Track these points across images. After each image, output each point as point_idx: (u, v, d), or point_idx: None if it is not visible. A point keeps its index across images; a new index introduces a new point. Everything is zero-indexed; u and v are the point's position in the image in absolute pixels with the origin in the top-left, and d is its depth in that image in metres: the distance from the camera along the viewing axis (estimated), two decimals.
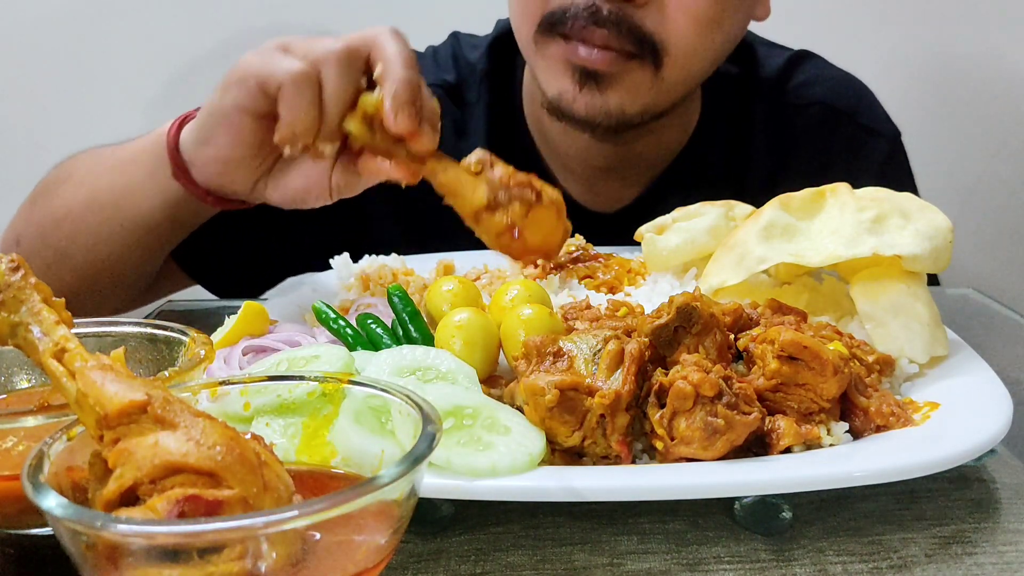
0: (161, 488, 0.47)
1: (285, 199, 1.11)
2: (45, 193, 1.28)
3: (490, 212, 1.00)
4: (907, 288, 0.91)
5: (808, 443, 0.74)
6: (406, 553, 0.69)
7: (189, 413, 0.50)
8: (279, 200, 1.11)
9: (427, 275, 1.20)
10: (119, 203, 1.19)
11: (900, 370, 0.87)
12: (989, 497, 0.76)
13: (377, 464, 0.60)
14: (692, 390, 0.71)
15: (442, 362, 0.78)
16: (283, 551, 0.47)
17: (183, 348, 0.73)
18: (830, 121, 1.49)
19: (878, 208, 0.95)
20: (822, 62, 1.57)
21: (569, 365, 0.75)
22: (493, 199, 1.00)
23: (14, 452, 0.62)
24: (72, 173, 1.27)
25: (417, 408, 0.56)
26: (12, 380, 0.76)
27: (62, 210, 1.23)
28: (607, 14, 1.19)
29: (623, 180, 1.45)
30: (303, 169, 1.08)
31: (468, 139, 1.47)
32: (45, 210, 1.25)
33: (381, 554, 0.52)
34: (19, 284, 0.56)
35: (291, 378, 0.64)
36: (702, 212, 1.11)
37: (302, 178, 1.08)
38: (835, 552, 0.69)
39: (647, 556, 0.69)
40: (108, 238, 1.21)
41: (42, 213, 1.26)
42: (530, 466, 0.69)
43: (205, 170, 1.09)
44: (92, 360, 0.52)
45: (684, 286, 1.08)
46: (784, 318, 0.87)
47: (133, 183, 1.18)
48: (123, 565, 0.45)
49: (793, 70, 1.53)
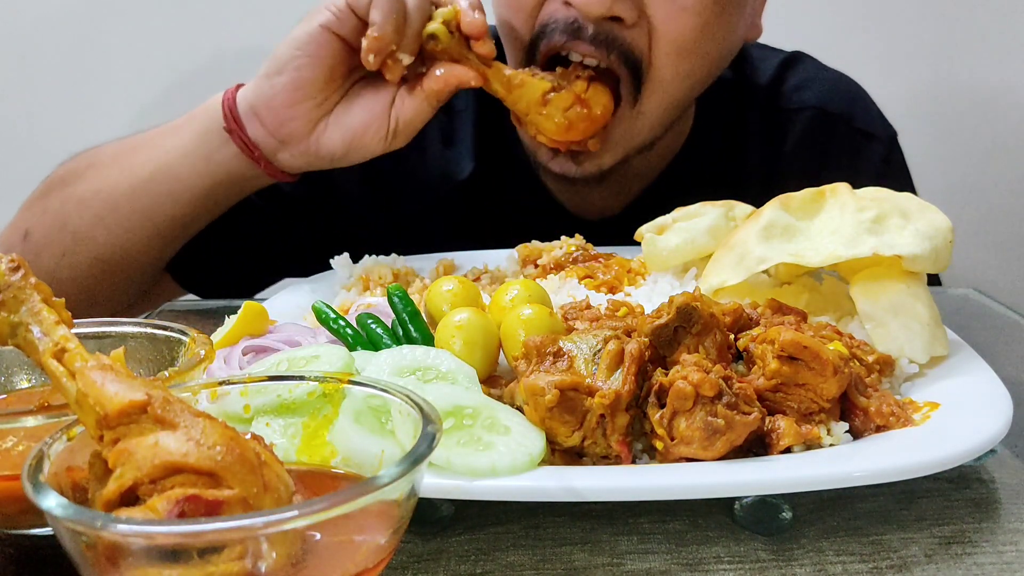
0: (161, 488, 0.47)
1: (344, 139, 1.16)
2: (63, 182, 1.29)
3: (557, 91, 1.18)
4: (907, 288, 0.91)
5: (808, 443, 0.74)
6: (406, 553, 0.69)
7: (189, 413, 0.50)
8: (338, 142, 1.16)
9: (427, 275, 1.20)
10: (157, 172, 1.22)
11: (900, 370, 0.87)
12: (989, 497, 0.76)
13: (377, 464, 0.60)
14: (692, 390, 0.71)
15: (442, 362, 0.78)
16: (283, 551, 0.47)
17: (183, 348, 0.73)
18: (825, 126, 1.48)
19: (878, 208, 0.95)
20: (815, 64, 1.55)
21: (569, 365, 0.75)
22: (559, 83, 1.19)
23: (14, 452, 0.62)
24: (95, 161, 1.28)
25: (417, 408, 0.56)
26: (12, 380, 0.76)
27: (89, 192, 1.25)
28: (592, 32, 1.18)
29: (615, 190, 1.44)
30: (365, 103, 1.16)
31: (456, 147, 1.47)
32: (67, 195, 1.27)
33: (381, 554, 0.52)
34: (19, 284, 0.56)
35: (291, 378, 0.64)
36: (702, 212, 1.11)
37: (364, 112, 1.16)
38: (835, 552, 0.69)
39: (647, 556, 0.69)
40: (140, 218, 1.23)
41: (62, 199, 1.27)
42: (530, 466, 0.69)
43: (271, 103, 1.14)
44: (92, 360, 0.53)
45: (684, 286, 1.08)
46: (784, 318, 0.87)
47: (175, 150, 1.21)
48: (123, 565, 0.45)
49: (786, 73, 1.52)
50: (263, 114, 1.16)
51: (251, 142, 1.17)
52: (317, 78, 1.13)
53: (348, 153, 1.18)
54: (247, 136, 1.17)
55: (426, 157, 1.44)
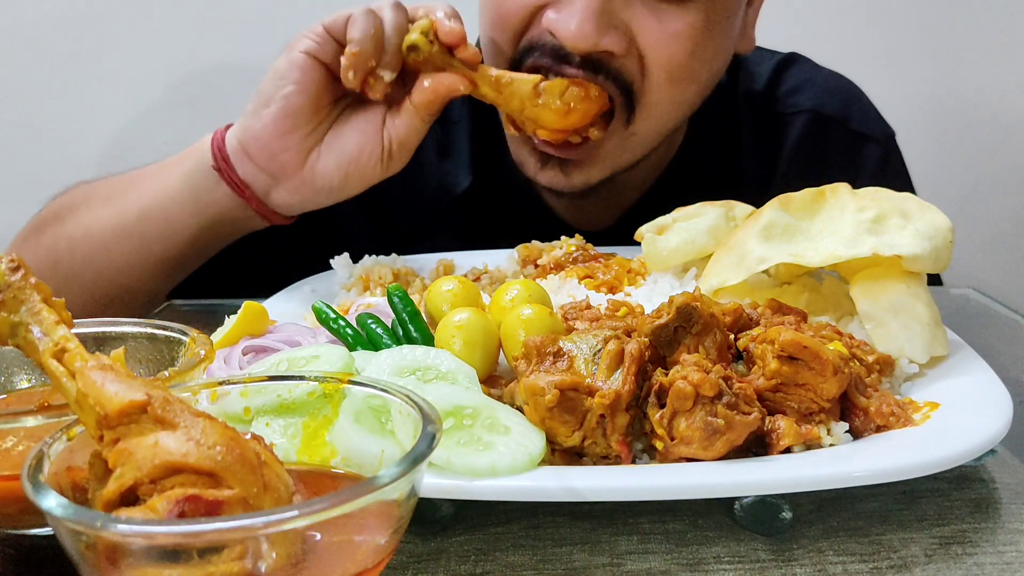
0: (161, 488, 0.47)
1: (340, 166, 1.15)
2: (55, 218, 1.27)
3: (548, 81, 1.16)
4: (907, 288, 0.91)
5: (808, 443, 0.74)
6: (406, 553, 0.69)
7: (189, 413, 0.50)
8: (333, 167, 1.15)
9: (427, 275, 1.20)
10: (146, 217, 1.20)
11: (900, 370, 0.87)
12: (989, 497, 0.76)
13: (377, 464, 0.60)
14: (692, 390, 0.71)
15: (442, 362, 0.78)
16: (283, 551, 0.47)
17: (183, 348, 0.73)
18: (821, 129, 1.47)
19: (878, 208, 0.95)
20: (810, 65, 1.54)
21: (569, 365, 0.75)
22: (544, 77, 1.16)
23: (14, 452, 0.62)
24: (86, 199, 1.27)
25: (417, 408, 0.56)
26: (12, 380, 0.76)
27: (79, 232, 1.23)
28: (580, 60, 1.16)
29: (609, 201, 1.43)
30: (356, 125, 1.15)
31: (452, 159, 1.46)
32: (57, 236, 1.25)
33: (381, 554, 0.52)
34: (19, 284, 0.56)
35: (291, 378, 0.64)
36: (702, 212, 1.11)
37: (356, 135, 1.15)
38: (835, 552, 0.69)
39: (647, 556, 0.69)
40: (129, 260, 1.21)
41: (53, 239, 1.25)
42: (530, 466, 0.69)
43: (261, 138, 1.13)
44: (92, 360, 0.52)
45: (684, 286, 1.08)
46: (784, 318, 0.87)
47: (164, 194, 1.19)
48: (123, 565, 0.45)
49: (781, 76, 1.50)
50: (253, 150, 1.14)
51: (242, 181, 1.16)
52: (305, 105, 1.12)
53: (346, 182, 1.16)
54: (237, 176, 1.16)
55: (423, 170, 1.42)
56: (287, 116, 1.12)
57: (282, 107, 1.12)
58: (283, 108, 1.12)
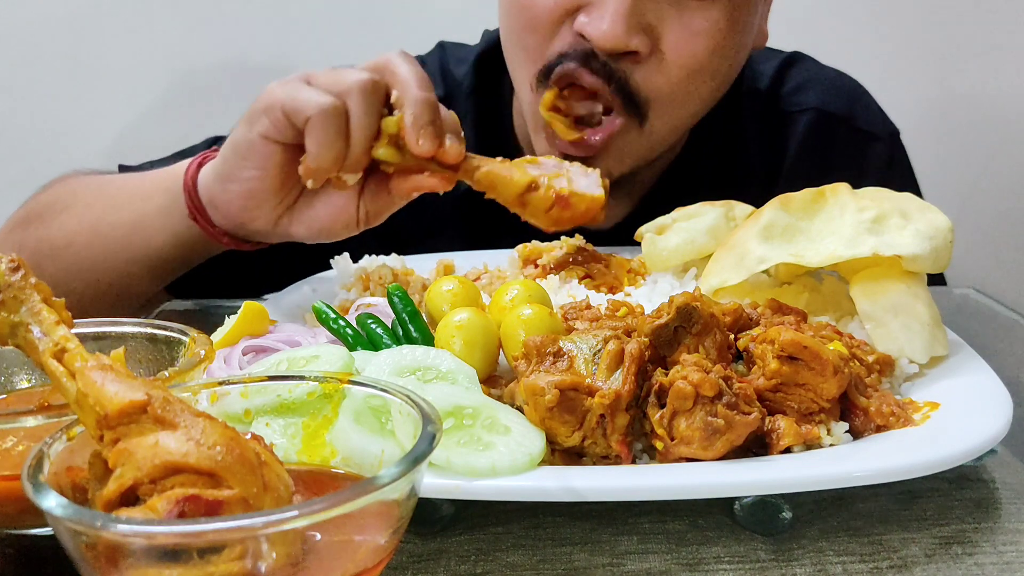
0: (161, 488, 0.47)
1: (311, 232, 1.11)
2: (39, 219, 1.26)
3: (534, 192, 1.04)
4: (907, 288, 0.91)
5: (808, 443, 0.74)
6: (406, 553, 0.69)
7: (189, 413, 0.50)
8: (304, 234, 1.11)
9: (427, 275, 1.20)
10: (127, 238, 1.19)
11: (900, 370, 0.87)
12: (989, 497, 0.76)
13: (377, 464, 0.60)
14: (692, 390, 0.71)
15: (442, 362, 0.78)
16: (283, 551, 0.47)
17: (183, 348, 0.73)
18: (826, 127, 1.47)
19: (878, 208, 0.95)
20: (814, 64, 1.54)
21: (569, 365, 0.75)
22: (535, 180, 1.04)
23: (14, 452, 0.62)
24: (71, 202, 1.25)
25: (417, 408, 0.56)
26: (12, 380, 0.76)
27: (62, 240, 1.22)
28: (601, 63, 1.17)
29: (616, 200, 1.42)
30: (330, 199, 1.08)
31: None
32: (40, 238, 1.24)
33: (381, 554, 0.52)
34: (19, 284, 0.56)
35: (291, 378, 0.64)
36: (702, 212, 1.11)
37: (329, 208, 1.08)
38: (835, 552, 0.69)
39: (647, 556, 0.69)
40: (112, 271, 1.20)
41: (37, 240, 1.24)
42: (530, 466, 0.69)
43: (228, 208, 1.09)
44: (92, 360, 0.52)
45: (684, 286, 1.08)
46: (784, 318, 0.87)
47: (143, 220, 1.18)
48: (123, 565, 0.45)
49: (785, 75, 1.50)
50: (221, 211, 1.10)
51: (214, 226, 1.12)
52: (268, 187, 1.06)
53: (319, 239, 1.12)
54: (209, 221, 1.12)
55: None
56: (251, 196, 1.07)
57: (246, 189, 1.06)
58: (247, 190, 1.06)
